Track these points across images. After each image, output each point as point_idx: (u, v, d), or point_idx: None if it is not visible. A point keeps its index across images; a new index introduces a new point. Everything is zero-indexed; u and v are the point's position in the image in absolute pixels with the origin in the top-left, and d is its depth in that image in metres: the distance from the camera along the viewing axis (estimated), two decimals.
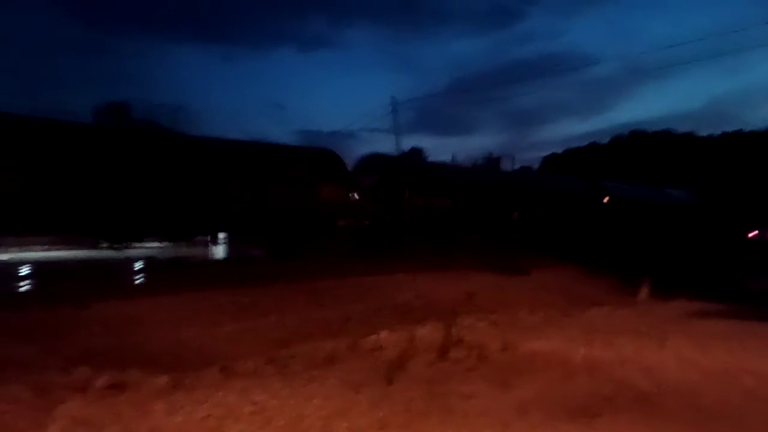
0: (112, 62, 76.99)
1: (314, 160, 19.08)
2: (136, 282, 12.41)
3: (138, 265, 13.69)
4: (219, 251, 17.35)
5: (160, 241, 16.75)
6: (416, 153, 38.75)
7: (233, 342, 8.69)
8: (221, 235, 17.19)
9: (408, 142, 56.03)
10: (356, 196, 19.17)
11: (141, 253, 15.65)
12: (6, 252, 14.47)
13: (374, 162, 23.02)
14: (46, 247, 15.34)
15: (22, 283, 11.15)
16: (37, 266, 12.63)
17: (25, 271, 12.04)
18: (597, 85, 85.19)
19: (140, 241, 15.81)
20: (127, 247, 15.17)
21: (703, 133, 37.94)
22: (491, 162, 35.49)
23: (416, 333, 8.47)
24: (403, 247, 18.55)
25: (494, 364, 7.21)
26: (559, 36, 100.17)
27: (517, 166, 33.33)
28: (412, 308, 11.59)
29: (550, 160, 37.58)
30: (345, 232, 19.02)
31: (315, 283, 12.42)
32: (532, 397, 5.89)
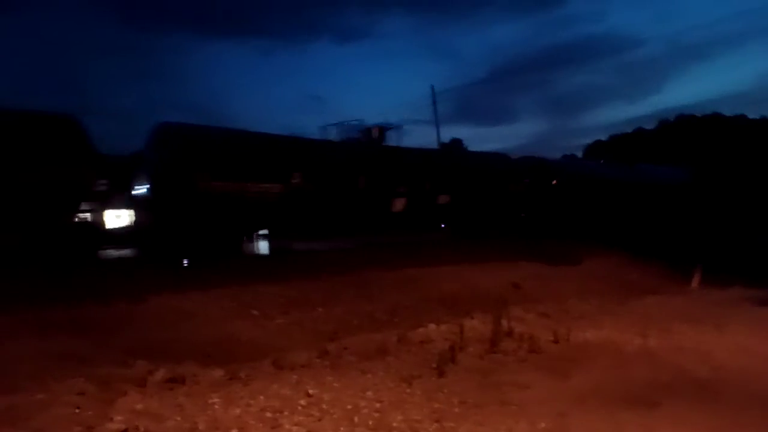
0: (148, 59, 78.48)
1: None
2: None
3: None
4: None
5: None
6: (456, 143, 38.30)
7: (283, 335, 8.79)
8: None
9: (447, 132, 55.54)
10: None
11: None
12: None
13: None
14: None
15: None
16: None
17: None
18: (641, 68, 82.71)
19: None
20: None
21: (754, 115, 36.64)
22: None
23: (464, 325, 8.42)
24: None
25: (547, 355, 7.12)
26: (600, 18, 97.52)
27: (559, 155, 32.58)
28: (458, 300, 11.51)
29: (594, 147, 36.79)
30: None
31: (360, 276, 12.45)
32: (588, 387, 5.79)
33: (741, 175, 25.44)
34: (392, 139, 21.12)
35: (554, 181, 22.03)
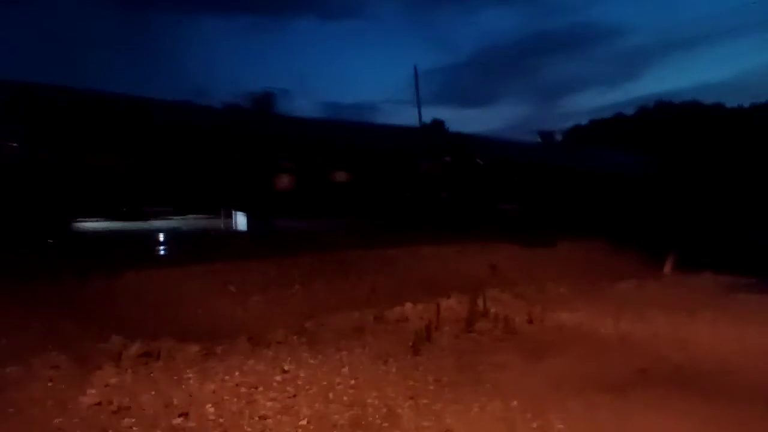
0: (129, 35, 76.69)
1: None
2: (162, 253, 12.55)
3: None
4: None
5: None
6: (437, 124, 38.16)
7: (261, 312, 8.77)
8: None
9: (430, 113, 55.33)
10: None
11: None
12: None
13: None
14: None
15: None
16: None
17: None
18: (625, 56, 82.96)
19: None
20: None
21: (732, 104, 37.21)
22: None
23: (441, 305, 8.48)
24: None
25: (522, 336, 7.21)
26: (587, 7, 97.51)
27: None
28: (436, 280, 11.57)
29: (573, 132, 37.02)
30: None
31: (341, 254, 12.44)
32: (563, 369, 5.88)
33: (715, 164, 25.67)
34: (284, 107, 18.53)
35: (480, 162, 20.37)
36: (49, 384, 5.04)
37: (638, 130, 30.16)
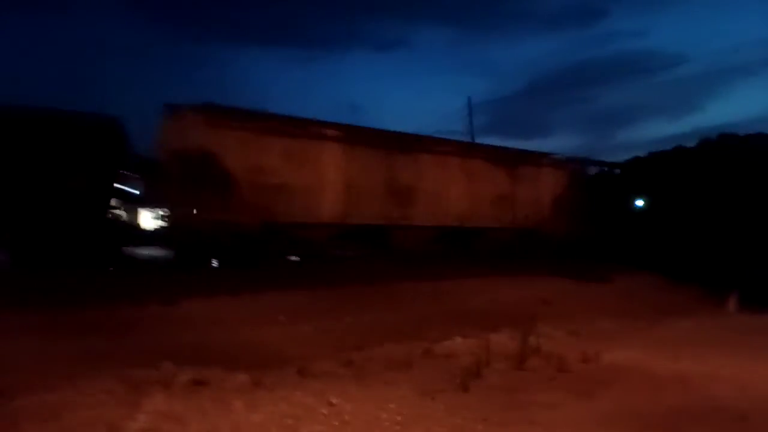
0: (188, 67, 79.94)
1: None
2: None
3: None
4: None
5: None
6: None
7: (310, 343, 8.81)
8: None
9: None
10: None
11: None
12: None
13: None
14: None
15: None
16: None
17: None
18: (683, 86, 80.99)
19: None
20: None
21: None
22: None
23: (491, 340, 8.33)
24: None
25: (575, 375, 6.98)
26: (642, 35, 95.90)
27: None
28: (486, 314, 11.40)
29: (632, 164, 36.10)
30: None
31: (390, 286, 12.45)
32: (617, 410, 5.64)
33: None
34: None
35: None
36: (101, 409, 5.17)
37: (700, 162, 29.17)
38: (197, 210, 13.21)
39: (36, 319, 8.10)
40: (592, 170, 24.59)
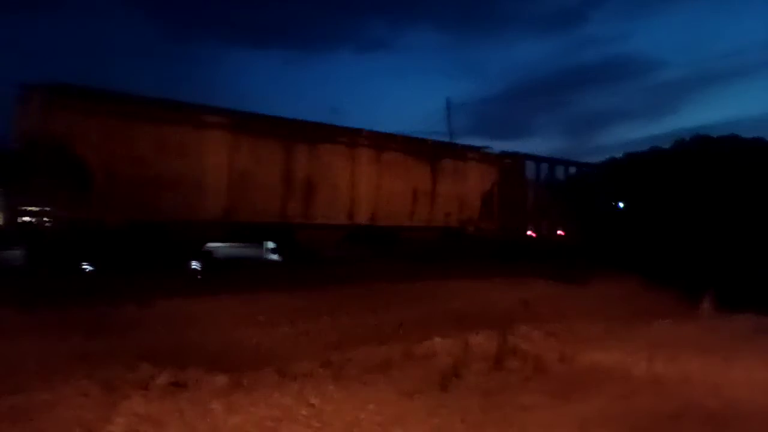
0: (167, 66, 79.20)
1: None
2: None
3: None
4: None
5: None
6: None
7: (289, 343, 8.79)
8: None
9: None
10: None
11: None
12: None
13: None
14: None
15: None
16: None
17: None
18: (660, 90, 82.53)
19: None
20: None
21: None
22: None
23: (470, 341, 8.38)
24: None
25: (552, 376, 7.05)
26: (623, 40, 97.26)
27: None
28: (465, 315, 11.45)
29: (609, 165, 36.55)
30: None
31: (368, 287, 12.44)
32: (593, 412, 5.72)
33: (756, 198, 24.92)
34: None
35: None
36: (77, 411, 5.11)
37: (675, 163, 29.56)
38: (50, 207, 11.66)
39: (7, 319, 7.97)
40: (570, 171, 24.65)
